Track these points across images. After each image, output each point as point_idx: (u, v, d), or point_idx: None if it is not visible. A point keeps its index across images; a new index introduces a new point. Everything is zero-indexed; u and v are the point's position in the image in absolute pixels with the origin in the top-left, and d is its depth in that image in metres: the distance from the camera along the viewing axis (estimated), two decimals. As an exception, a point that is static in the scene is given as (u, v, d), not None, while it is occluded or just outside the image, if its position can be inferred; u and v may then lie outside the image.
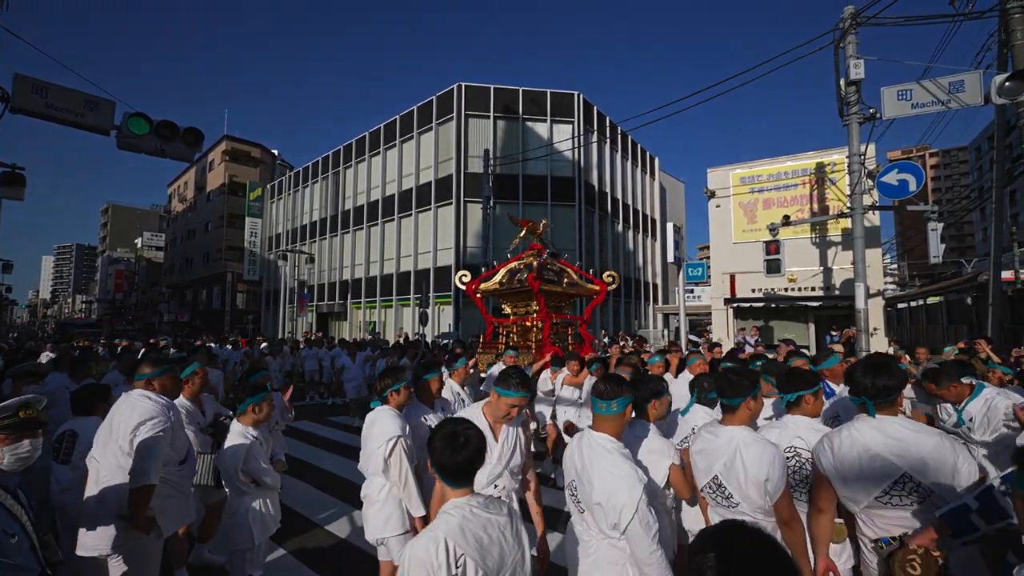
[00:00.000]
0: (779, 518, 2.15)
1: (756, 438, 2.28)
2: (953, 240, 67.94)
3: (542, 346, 8.16)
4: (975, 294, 17.73)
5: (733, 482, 2.22)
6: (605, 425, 2.14)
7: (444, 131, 23.04)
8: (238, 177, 41.90)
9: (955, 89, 8.22)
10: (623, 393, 2.16)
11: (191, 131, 7.70)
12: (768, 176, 14.59)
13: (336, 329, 29.48)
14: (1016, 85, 7.51)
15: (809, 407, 2.55)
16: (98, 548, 2.57)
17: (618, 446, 2.09)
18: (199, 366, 3.87)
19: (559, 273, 9.03)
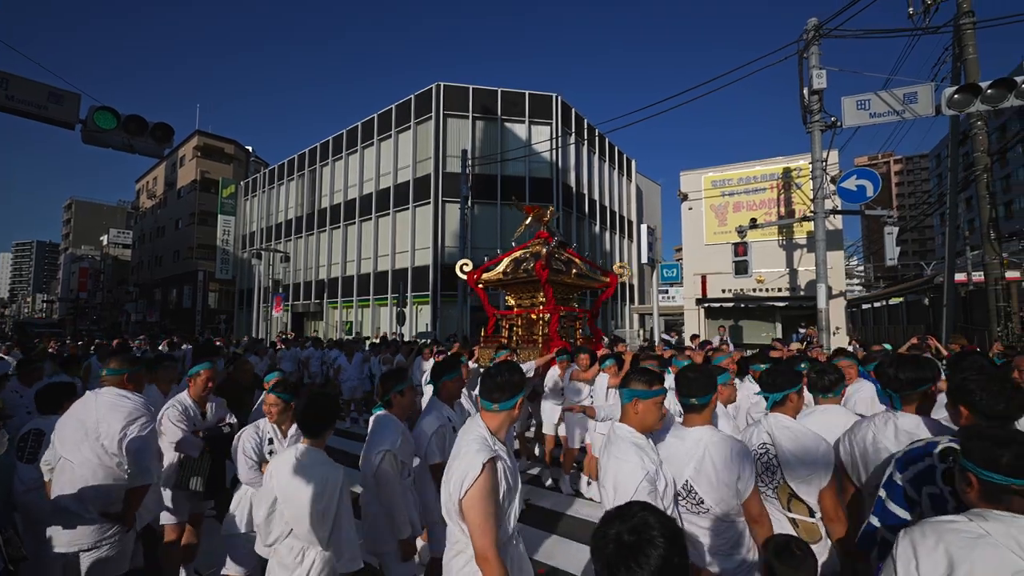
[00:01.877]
0: (748, 516, 2.14)
1: (723, 437, 2.23)
2: (916, 243, 70.79)
3: (549, 340, 7.67)
4: (932, 295, 18.56)
5: (704, 485, 2.13)
6: (622, 415, 2.16)
7: (423, 130, 22.98)
8: (210, 173, 40.92)
9: (909, 100, 8.66)
10: (629, 384, 2.14)
11: (161, 126, 7.56)
12: (738, 180, 15.04)
13: (312, 329, 29.07)
14: (964, 98, 7.95)
15: (793, 405, 2.53)
16: (76, 544, 2.58)
17: (634, 436, 2.07)
18: (208, 366, 3.66)
19: (567, 263, 8.49)
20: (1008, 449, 1.31)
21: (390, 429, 2.73)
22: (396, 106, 24.13)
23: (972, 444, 1.40)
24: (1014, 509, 1.28)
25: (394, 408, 2.84)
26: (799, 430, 2.39)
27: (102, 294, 59.49)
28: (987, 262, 10.92)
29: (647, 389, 2.09)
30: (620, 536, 1.10)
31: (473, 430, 2.05)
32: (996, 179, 43.42)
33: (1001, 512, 1.30)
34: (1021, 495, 1.28)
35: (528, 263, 8.08)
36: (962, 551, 1.26)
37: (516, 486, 2.06)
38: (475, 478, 1.82)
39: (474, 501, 1.81)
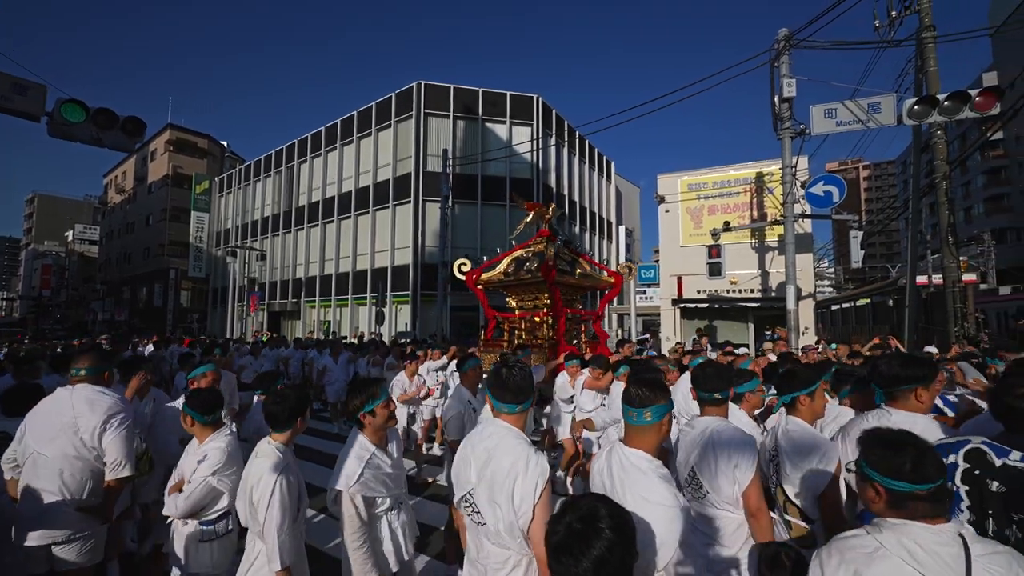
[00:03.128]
0: (746, 508, 2.08)
1: (729, 425, 2.22)
2: (883, 247, 73.26)
3: (556, 344, 7.32)
4: (896, 297, 19.31)
5: (705, 471, 2.13)
6: (637, 439, 1.82)
7: (403, 129, 22.85)
8: (183, 169, 39.86)
9: (873, 110, 9.03)
10: (659, 400, 1.81)
11: (131, 120, 7.38)
12: (713, 183, 15.40)
13: (289, 328, 28.61)
14: (923, 109, 8.33)
15: (806, 408, 2.39)
16: (51, 537, 2.57)
17: (655, 465, 1.78)
18: (211, 368, 3.58)
19: (571, 263, 8.18)
20: (906, 455, 1.30)
21: (350, 458, 2.31)
22: (376, 104, 23.94)
23: (873, 452, 1.36)
24: (916, 516, 1.27)
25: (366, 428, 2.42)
26: (799, 434, 2.29)
27: (67, 292, 57.37)
28: (946, 265, 11.44)
29: (668, 403, 1.87)
30: (570, 524, 1.13)
31: (508, 435, 1.86)
32: (957, 186, 45.33)
33: (895, 520, 1.29)
34: (924, 500, 1.27)
35: (531, 263, 7.71)
36: (861, 566, 1.26)
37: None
38: (541, 491, 1.69)
39: (542, 517, 1.66)
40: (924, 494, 1.27)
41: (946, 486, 1.30)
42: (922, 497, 1.27)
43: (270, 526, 2.15)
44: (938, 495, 1.28)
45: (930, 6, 10.85)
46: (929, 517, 1.27)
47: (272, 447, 2.33)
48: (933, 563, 1.21)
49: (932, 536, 1.24)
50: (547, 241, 7.95)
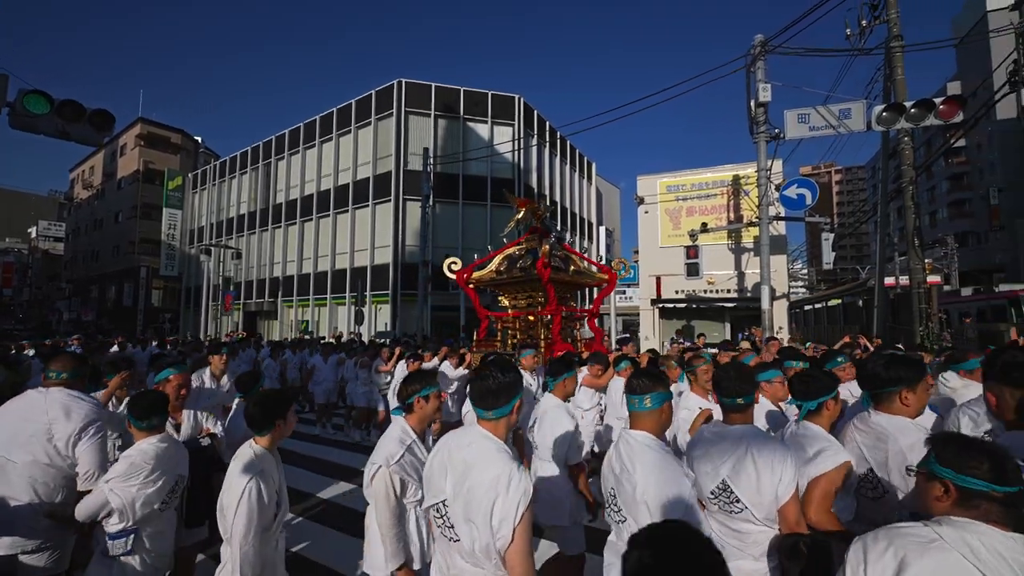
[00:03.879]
0: (784, 522, 1.98)
1: (767, 436, 2.18)
2: (853, 249, 75.49)
3: (552, 343, 7.19)
4: (865, 297, 19.94)
5: (744, 485, 2.00)
6: (642, 423, 1.96)
7: (383, 127, 22.64)
8: (155, 164, 38.72)
9: (844, 116, 9.31)
10: (658, 388, 1.97)
11: (100, 113, 7.12)
12: (691, 185, 15.67)
13: (266, 328, 28.05)
14: (891, 116, 8.63)
15: (830, 413, 2.30)
16: (19, 546, 2.47)
17: (660, 444, 1.91)
18: (180, 369, 3.30)
19: (565, 260, 7.99)
20: (984, 455, 1.26)
21: (392, 440, 2.37)
22: (356, 101, 23.66)
23: (947, 449, 1.32)
24: (987, 518, 1.22)
25: (413, 414, 2.47)
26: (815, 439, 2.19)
27: (29, 291, 55.21)
28: (912, 267, 11.85)
29: (667, 391, 1.99)
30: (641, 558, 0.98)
31: (489, 446, 1.76)
32: (922, 191, 47.03)
33: (958, 517, 1.25)
34: (998, 503, 1.22)
35: (525, 260, 7.52)
36: (912, 554, 1.22)
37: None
38: (523, 514, 1.57)
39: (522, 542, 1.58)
40: (1000, 496, 1.21)
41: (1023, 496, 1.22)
42: (996, 499, 1.22)
43: (235, 533, 2.08)
44: (1014, 501, 1.21)
45: (898, 17, 11.24)
46: (1001, 522, 1.21)
47: (250, 451, 2.27)
48: (996, 565, 1.14)
49: (1001, 539, 1.18)
50: (540, 238, 7.79)
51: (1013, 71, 8.07)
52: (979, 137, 38.52)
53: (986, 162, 38.47)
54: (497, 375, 1.83)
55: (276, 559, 2.36)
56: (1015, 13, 8.24)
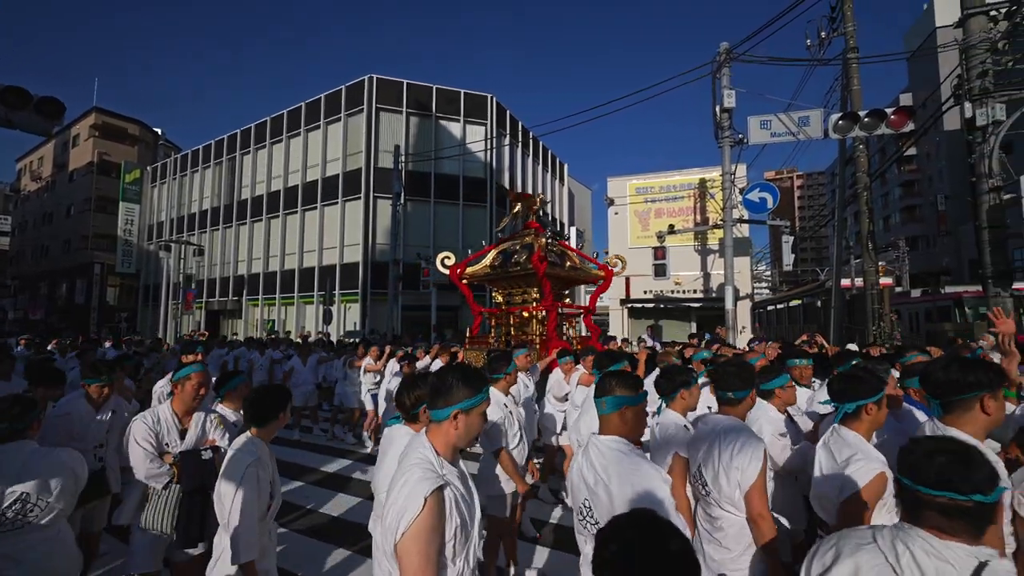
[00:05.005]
0: (748, 511, 2.02)
1: (737, 425, 2.17)
2: (813, 251, 78.48)
3: (548, 340, 7.01)
4: (824, 298, 20.78)
5: (709, 468, 2.12)
6: (608, 426, 1.88)
7: (353, 123, 22.26)
8: (110, 156, 36.96)
9: (803, 123, 9.69)
10: (615, 391, 1.86)
11: (49, 101, 6.75)
12: (660, 188, 16.00)
13: (229, 328, 27.18)
14: (846, 124, 9.02)
15: (871, 418, 2.08)
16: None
17: (632, 449, 1.82)
18: (199, 368, 3.03)
19: (561, 255, 7.82)
20: (935, 459, 1.18)
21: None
22: (325, 96, 23.20)
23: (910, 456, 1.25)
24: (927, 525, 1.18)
25: (419, 423, 2.43)
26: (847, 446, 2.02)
27: (-29, 288, 51.81)
28: (866, 269, 12.43)
29: (634, 395, 1.87)
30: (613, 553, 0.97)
31: (415, 451, 1.60)
32: (877, 196, 49.27)
33: (906, 523, 1.23)
34: (936, 511, 1.16)
35: (520, 255, 7.34)
36: (845, 553, 1.26)
37: (472, 520, 1.59)
38: (414, 516, 1.39)
39: (410, 544, 1.39)
40: (938, 502, 1.14)
41: (983, 507, 1.13)
42: (935, 506, 1.15)
43: (234, 518, 2.11)
44: (959, 511, 1.13)
45: (855, 30, 11.75)
46: (944, 531, 1.15)
47: (248, 439, 2.32)
48: (912, 572, 1.14)
49: (933, 547, 1.14)
50: (535, 233, 7.59)
51: (957, 85, 8.55)
52: (928, 147, 40.66)
53: (935, 170, 40.61)
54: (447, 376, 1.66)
55: (269, 548, 2.38)
56: (959, 31, 8.71)
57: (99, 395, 3.27)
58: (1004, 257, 8.11)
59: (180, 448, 2.84)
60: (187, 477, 2.69)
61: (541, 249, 6.99)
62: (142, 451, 2.71)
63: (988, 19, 8.35)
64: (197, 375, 2.99)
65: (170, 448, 2.83)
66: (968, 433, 1.76)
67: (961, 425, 1.80)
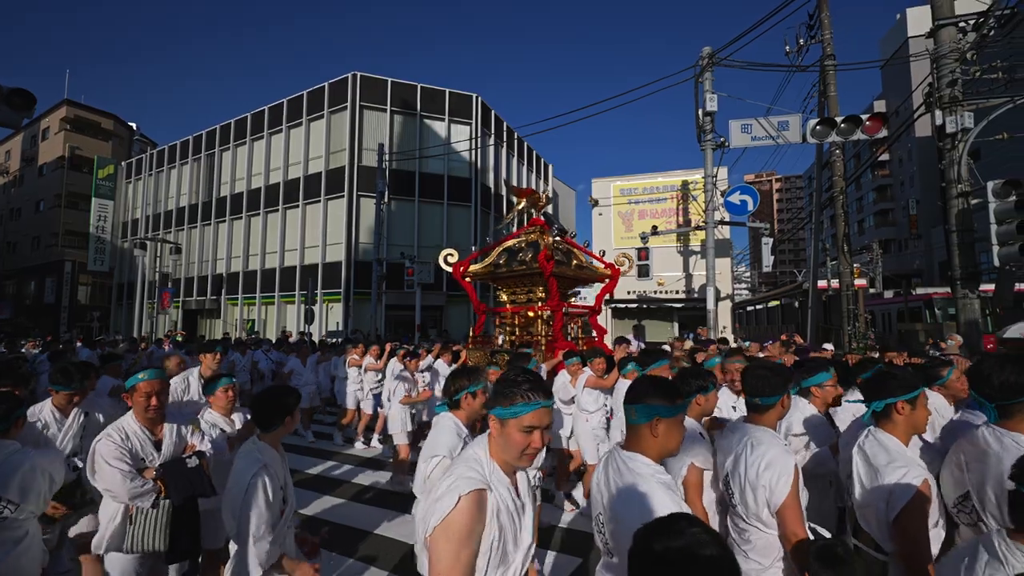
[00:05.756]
0: (782, 531, 1.89)
1: (770, 440, 2.02)
2: (791, 253, 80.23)
3: (554, 341, 6.82)
4: (801, 299, 21.29)
5: (736, 481, 2.04)
6: (633, 441, 1.69)
7: (337, 120, 22.02)
8: (82, 150, 35.87)
9: (783, 128, 9.92)
10: (647, 399, 1.65)
11: (19, 92, 6.54)
12: (643, 189, 16.20)
13: (208, 328, 26.63)
14: (823, 129, 9.26)
15: (904, 418, 1.95)
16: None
17: (653, 471, 1.61)
18: (154, 375, 2.66)
19: (567, 253, 7.60)
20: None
21: (449, 432, 2.36)
22: (308, 93, 22.89)
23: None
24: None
25: (461, 410, 2.51)
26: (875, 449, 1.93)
27: (-67, 286, 49.73)
28: (841, 271, 12.77)
29: (669, 405, 1.65)
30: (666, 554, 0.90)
31: (471, 448, 1.56)
32: (852, 200, 50.58)
33: None
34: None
35: (525, 253, 7.13)
36: None
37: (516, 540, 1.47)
38: (445, 512, 1.34)
39: (439, 539, 1.34)
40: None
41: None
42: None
43: (244, 529, 2.05)
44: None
45: (831, 37, 12.06)
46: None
47: (253, 446, 2.25)
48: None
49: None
50: (541, 230, 7.44)
51: (928, 93, 8.84)
52: (901, 152, 41.91)
53: (907, 175, 41.88)
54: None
55: (288, 551, 2.33)
56: (931, 40, 9.01)
57: (67, 403, 3.01)
58: (972, 260, 8.41)
59: (159, 460, 2.62)
60: (176, 489, 2.51)
61: (548, 247, 6.80)
62: (119, 471, 2.43)
63: (958, 30, 8.66)
64: (147, 383, 2.60)
65: (148, 463, 2.58)
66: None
67: (1022, 429, 1.68)
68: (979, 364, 1.84)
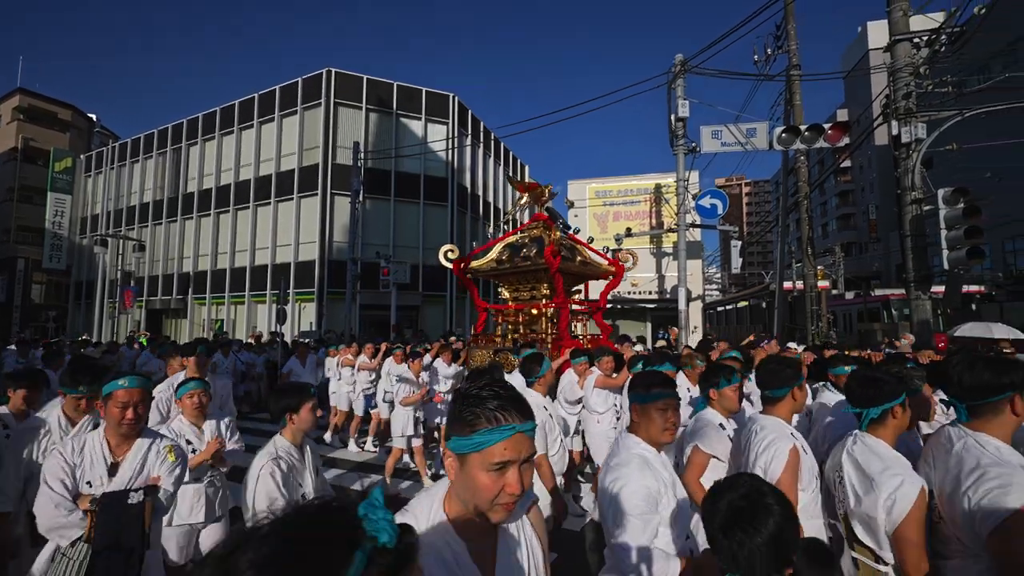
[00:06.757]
0: None
1: (772, 426, 2.14)
2: (760, 255, 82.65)
3: (559, 339, 6.69)
4: (768, 300, 22.01)
5: (742, 468, 2.16)
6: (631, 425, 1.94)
7: (310, 117, 21.63)
8: (37, 142, 34.22)
9: (750, 135, 10.28)
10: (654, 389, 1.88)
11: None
12: (618, 192, 16.49)
13: (173, 328, 25.78)
14: (788, 137, 9.64)
15: (897, 422, 1.95)
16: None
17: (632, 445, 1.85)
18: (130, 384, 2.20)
19: (571, 249, 7.45)
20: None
21: None
22: (280, 88, 22.41)
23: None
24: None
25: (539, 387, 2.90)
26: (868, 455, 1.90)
27: None
28: (805, 273, 13.29)
29: (644, 393, 1.89)
30: (733, 502, 1.16)
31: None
32: (816, 205, 52.43)
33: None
34: None
35: (529, 249, 6.98)
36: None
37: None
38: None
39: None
40: None
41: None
42: None
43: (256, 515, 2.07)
44: None
45: (797, 48, 12.56)
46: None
47: (271, 441, 2.34)
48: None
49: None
50: (545, 226, 7.31)
51: (886, 104, 9.30)
52: (862, 159, 43.72)
53: (868, 181, 43.71)
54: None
55: None
56: (887, 54, 9.49)
57: (75, 409, 2.70)
58: (925, 263, 8.90)
59: (107, 488, 2.11)
60: (102, 531, 2.00)
61: (554, 243, 6.65)
62: (49, 493, 2.04)
63: (912, 45, 9.14)
64: (125, 392, 2.16)
65: (93, 488, 2.10)
66: (997, 437, 1.66)
67: (990, 429, 1.67)
68: (947, 364, 1.82)
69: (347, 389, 7.67)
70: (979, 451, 1.63)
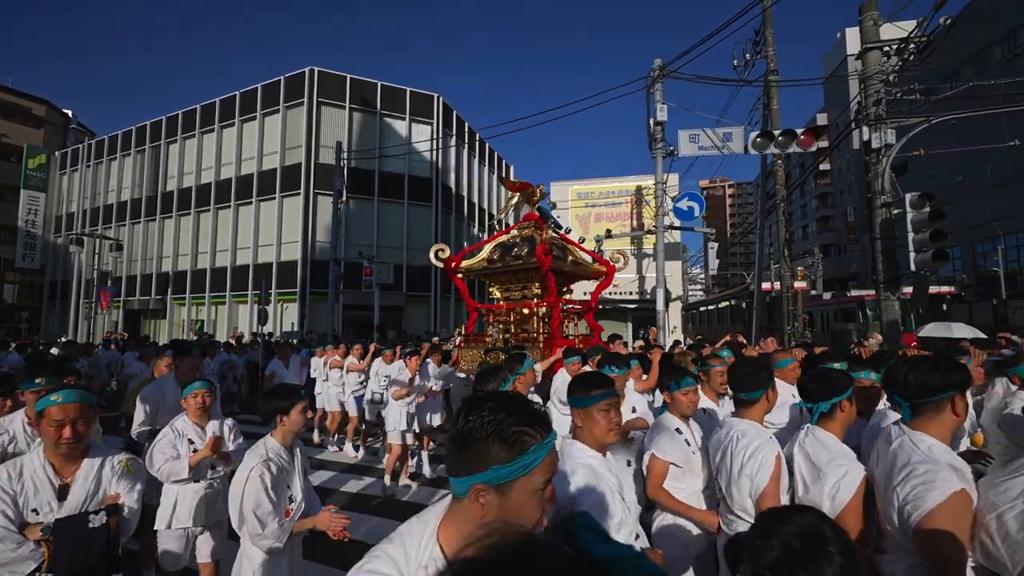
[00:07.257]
0: None
1: (753, 432, 2.15)
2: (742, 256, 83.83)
3: (551, 339, 6.64)
4: (748, 300, 22.39)
5: (724, 475, 2.14)
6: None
7: (293, 116, 21.44)
8: (9, 138, 33.36)
9: (727, 139, 10.48)
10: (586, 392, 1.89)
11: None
12: (599, 193, 16.64)
13: (152, 329, 25.34)
14: (763, 141, 9.85)
15: (844, 415, 2.06)
16: None
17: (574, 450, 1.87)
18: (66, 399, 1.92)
19: (563, 249, 7.44)
20: None
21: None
22: (263, 86, 22.18)
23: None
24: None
25: None
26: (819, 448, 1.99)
27: None
28: (782, 274, 13.57)
29: (584, 396, 1.87)
30: (788, 543, 0.94)
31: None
32: (797, 207, 53.35)
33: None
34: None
35: (521, 248, 6.96)
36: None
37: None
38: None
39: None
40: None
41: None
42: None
43: (248, 518, 2.16)
44: None
45: (775, 54, 12.79)
46: None
47: (261, 442, 2.35)
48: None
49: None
50: (536, 225, 7.32)
51: (857, 111, 9.55)
52: (841, 162, 44.65)
53: (846, 184, 44.64)
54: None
55: (293, 554, 2.42)
56: (859, 62, 9.74)
57: None
58: (894, 265, 9.15)
59: (59, 513, 1.88)
60: (59, 559, 1.80)
61: (546, 242, 6.62)
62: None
63: (883, 54, 9.40)
64: (59, 408, 1.88)
65: (42, 515, 1.87)
66: (936, 436, 1.69)
67: (930, 428, 1.71)
68: (893, 365, 1.88)
69: (336, 391, 7.58)
70: (911, 449, 1.68)
